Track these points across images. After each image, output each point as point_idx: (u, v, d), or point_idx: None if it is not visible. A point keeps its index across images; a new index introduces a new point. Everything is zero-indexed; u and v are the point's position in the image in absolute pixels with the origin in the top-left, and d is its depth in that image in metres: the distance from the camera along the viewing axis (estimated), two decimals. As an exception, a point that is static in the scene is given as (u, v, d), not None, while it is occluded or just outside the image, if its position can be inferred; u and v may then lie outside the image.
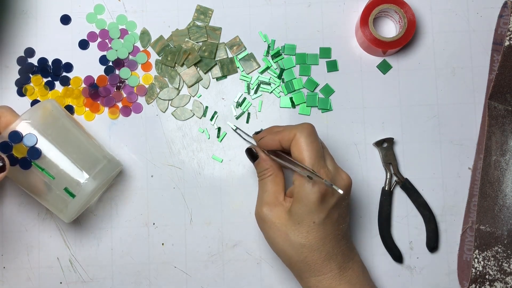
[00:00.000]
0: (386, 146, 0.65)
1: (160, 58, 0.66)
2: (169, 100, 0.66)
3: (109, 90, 0.66)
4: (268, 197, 0.56)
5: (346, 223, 0.56)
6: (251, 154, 0.59)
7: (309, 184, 0.53)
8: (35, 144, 0.54)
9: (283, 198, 0.56)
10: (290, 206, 0.54)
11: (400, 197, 0.65)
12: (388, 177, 0.64)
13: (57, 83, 0.66)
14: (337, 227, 0.55)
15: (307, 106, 0.65)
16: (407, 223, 0.65)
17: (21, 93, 0.66)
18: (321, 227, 0.53)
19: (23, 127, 0.53)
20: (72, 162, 0.55)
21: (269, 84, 0.66)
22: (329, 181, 0.53)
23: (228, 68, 0.66)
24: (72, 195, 0.55)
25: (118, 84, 0.66)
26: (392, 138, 0.65)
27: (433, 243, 0.64)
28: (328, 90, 0.66)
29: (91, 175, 0.56)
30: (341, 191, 0.52)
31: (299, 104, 0.66)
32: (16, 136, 0.53)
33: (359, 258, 0.58)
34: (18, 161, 0.54)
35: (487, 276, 0.61)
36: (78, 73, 0.66)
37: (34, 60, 0.66)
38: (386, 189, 0.64)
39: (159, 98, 0.65)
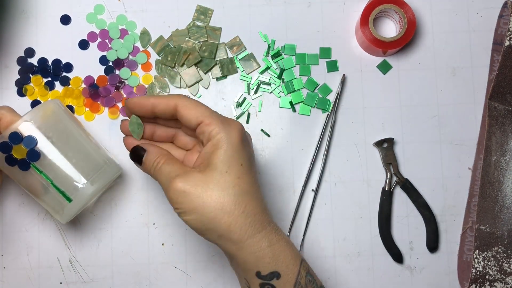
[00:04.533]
0: (386, 146, 0.65)
1: (160, 58, 0.66)
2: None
3: (109, 90, 0.66)
4: (175, 172, 0.50)
5: (257, 172, 0.53)
6: (137, 154, 0.53)
7: (226, 126, 0.50)
8: (35, 146, 0.54)
9: (190, 167, 0.51)
10: (210, 160, 0.49)
11: (400, 197, 0.65)
12: (388, 177, 0.64)
13: (57, 83, 0.66)
14: (255, 174, 0.51)
15: (305, 105, 0.65)
16: (407, 223, 0.65)
17: (21, 93, 0.66)
18: (248, 169, 0.50)
19: (24, 128, 0.53)
20: (71, 165, 0.55)
21: (269, 84, 0.66)
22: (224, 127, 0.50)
23: (228, 68, 0.66)
24: (69, 200, 0.55)
25: (118, 84, 0.66)
26: (392, 138, 0.65)
27: (433, 243, 0.64)
28: (326, 90, 0.66)
29: (90, 179, 0.56)
30: None
31: (298, 103, 0.66)
32: (16, 137, 0.53)
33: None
34: (17, 162, 0.53)
35: (487, 276, 0.61)
36: (78, 73, 0.66)
37: (34, 60, 0.66)
38: (386, 189, 0.64)
39: None
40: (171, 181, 0.49)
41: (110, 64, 0.66)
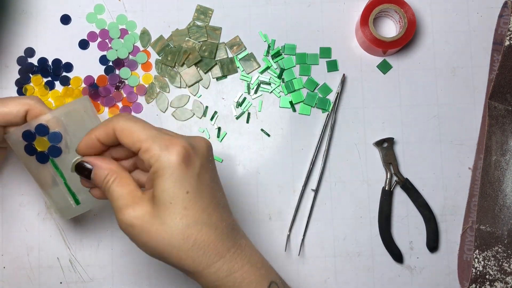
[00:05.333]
0: (386, 146, 0.65)
1: (160, 58, 0.66)
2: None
3: (109, 90, 0.65)
4: (124, 200, 0.46)
5: (221, 190, 0.48)
6: (82, 170, 0.49)
7: (164, 150, 0.44)
8: (59, 143, 0.53)
9: (142, 193, 0.47)
10: (154, 189, 0.45)
11: (400, 197, 0.65)
12: (388, 177, 0.64)
13: (57, 83, 0.66)
14: (214, 195, 0.47)
15: (305, 104, 0.65)
16: (407, 223, 0.65)
17: (21, 93, 0.66)
18: (197, 196, 0.45)
19: (52, 122, 0.52)
20: None
21: (269, 84, 0.66)
22: (184, 143, 0.45)
23: (228, 68, 0.66)
24: (78, 202, 0.55)
25: (118, 84, 0.65)
26: (392, 138, 0.65)
27: (433, 243, 0.64)
28: (326, 90, 0.66)
29: None
30: None
31: (298, 103, 0.66)
32: (43, 130, 0.52)
33: (245, 234, 0.50)
34: (36, 153, 0.53)
35: (487, 276, 0.61)
36: (78, 73, 0.66)
37: (34, 60, 0.66)
38: (386, 189, 0.64)
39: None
40: (119, 210, 0.46)
41: (110, 64, 0.66)
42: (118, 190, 0.46)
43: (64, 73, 0.66)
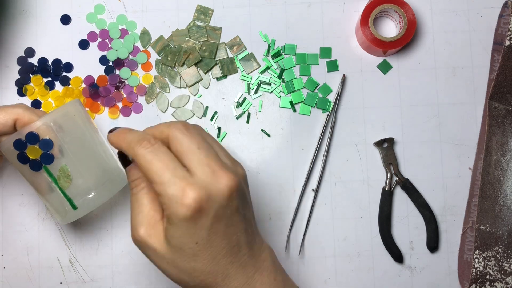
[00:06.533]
0: (386, 146, 0.65)
1: (160, 58, 0.66)
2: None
3: (109, 90, 0.66)
4: (143, 218, 0.46)
5: (240, 231, 0.46)
6: (123, 158, 0.49)
7: (174, 203, 0.43)
8: (50, 150, 0.52)
9: (161, 216, 0.46)
10: (165, 229, 0.45)
11: (400, 197, 0.65)
12: (388, 177, 0.64)
13: (57, 83, 0.66)
14: (228, 239, 0.46)
15: (305, 105, 0.65)
16: (407, 223, 0.65)
17: (21, 93, 0.66)
18: (207, 246, 0.45)
19: (42, 129, 0.52)
20: (81, 174, 0.54)
21: (269, 84, 0.66)
22: (226, 175, 0.44)
23: (228, 68, 0.66)
24: (74, 207, 0.54)
25: (118, 84, 0.66)
26: (393, 138, 0.65)
27: (433, 243, 0.64)
28: (326, 90, 0.66)
29: (98, 189, 0.54)
30: None
31: (298, 103, 0.66)
32: (33, 138, 0.52)
33: (269, 263, 0.48)
34: (29, 161, 0.53)
35: (487, 276, 0.61)
36: (78, 73, 0.66)
37: (34, 60, 0.66)
38: (387, 189, 0.64)
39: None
40: (135, 225, 0.46)
41: (110, 64, 0.66)
42: (144, 201, 0.46)
43: (64, 73, 0.66)
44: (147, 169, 0.44)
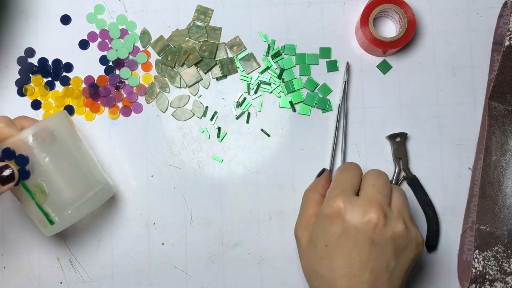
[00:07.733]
0: (398, 141, 0.64)
1: (160, 58, 0.66)
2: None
3: (109, 90, 0.66)
4: (305, 219, 0.56)
5: (367, 265, 0.50)
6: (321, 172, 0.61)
7: (330, 198, 0.53)
8: (26, 165, 0.52)
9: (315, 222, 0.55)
10: (313, 225, 0.54)
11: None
12: (396, 171, 0.64)
13: (57, 83, 0.66)
14: (351, 262, 0.51)
15: (305, 105, 0.65)
16: (407, 223, 0.65)
17: (21, 93, 0.66)
18: (332, 254, 0.51)
19: (18, 145, 0.52)
20: (60, 189, 0.53)
21: (269, 84, 0.66)
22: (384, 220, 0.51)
23: (228, 68, 0.66)
24: (51, 222, 0.54)
25: (118, 84, 0.66)
26: (406, 134, 0.64)
27: (433, 243, 0.64)
28: (326, 90, 0.66)
29: (78, 204, 0.54)
30: None
31: (298, 103, 0.66)
32: (9, 154, 0.51)
33: None
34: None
35: (487, 276, 0.61)
36: (78, 73, 0.66)
37: (34, 60, 0.66)
38: (393, 183, 0.64)
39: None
40: (297, 223, 0.56)
41: (110, 64, 0.66)
42: (311, 206, 0.56)
43: (64, 73, 0.66)
44: (336, 178, 0.55)
